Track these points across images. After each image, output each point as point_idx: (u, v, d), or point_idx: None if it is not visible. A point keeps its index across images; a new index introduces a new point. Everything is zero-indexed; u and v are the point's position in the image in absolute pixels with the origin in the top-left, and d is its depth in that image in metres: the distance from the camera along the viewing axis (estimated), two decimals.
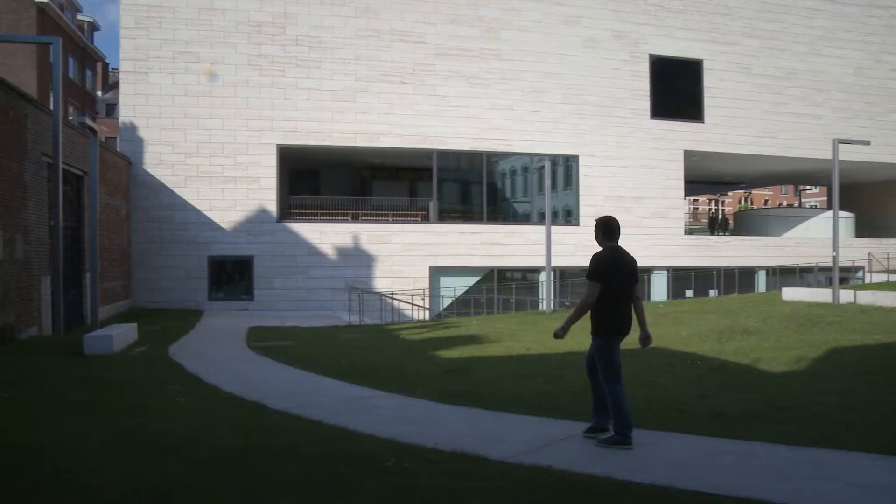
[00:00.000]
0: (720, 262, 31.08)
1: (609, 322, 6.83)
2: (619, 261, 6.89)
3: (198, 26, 25.93)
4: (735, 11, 31.39)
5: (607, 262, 6.83)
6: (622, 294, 6.85)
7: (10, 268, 14.03)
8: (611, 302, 6.78)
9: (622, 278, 6.85)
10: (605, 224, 7.02)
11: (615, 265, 6.84)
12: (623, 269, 6.88)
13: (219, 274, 26.32)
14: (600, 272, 6.78)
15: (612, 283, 6.77)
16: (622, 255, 6.96)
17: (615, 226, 7.02)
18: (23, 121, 14.90)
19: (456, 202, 30.05)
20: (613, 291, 6.78)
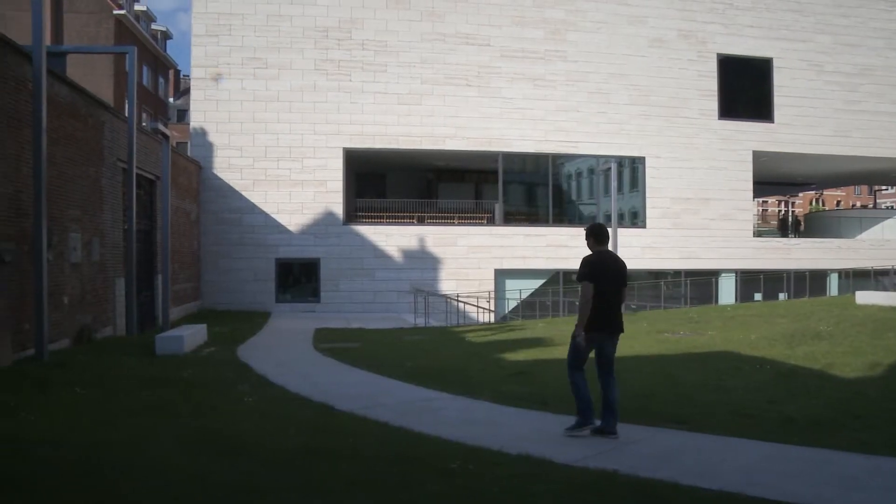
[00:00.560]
0: (790, 264, 30.27)
1: (592, 319, 7.35)
2: (605, 263, 7.51)
3: (266, 32, 26.38)
4: (807, 7, 30.58)
5: (595, 263, 7.46)
6: (608, 294, 7.43)
7: (87, 270, 14.46)
8: (598, 301, 7.35)
9: (608, 280, 7.45)
10: (595, 230, 7.65)
11: (603, 267, 7.45)
12: (610, 271, 7.49)
13: (286, 276, 26.70)
14: (589, 273, 7.40)
15: (600, 284, 7.37)
16: (609, 258, 7.63)
17: (604, 232, 7.67)
18: (100, 128, 15.35)
19: (521, 204, 29.95)
20: (600, 292, 7.36)
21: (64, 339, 13.16)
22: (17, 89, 11.49)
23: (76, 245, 13.81)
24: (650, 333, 16.65)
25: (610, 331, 7.51)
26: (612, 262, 7.59)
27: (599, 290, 7.33)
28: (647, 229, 28.54)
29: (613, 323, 7.50)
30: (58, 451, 6.02)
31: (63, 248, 13.21)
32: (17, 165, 11.41)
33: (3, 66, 11.08)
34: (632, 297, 28.20)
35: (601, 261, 7.49)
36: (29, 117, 11.55)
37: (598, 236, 7.59)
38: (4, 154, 11.07)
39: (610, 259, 7.62)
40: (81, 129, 14.30)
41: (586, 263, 7.46)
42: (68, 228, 13.47)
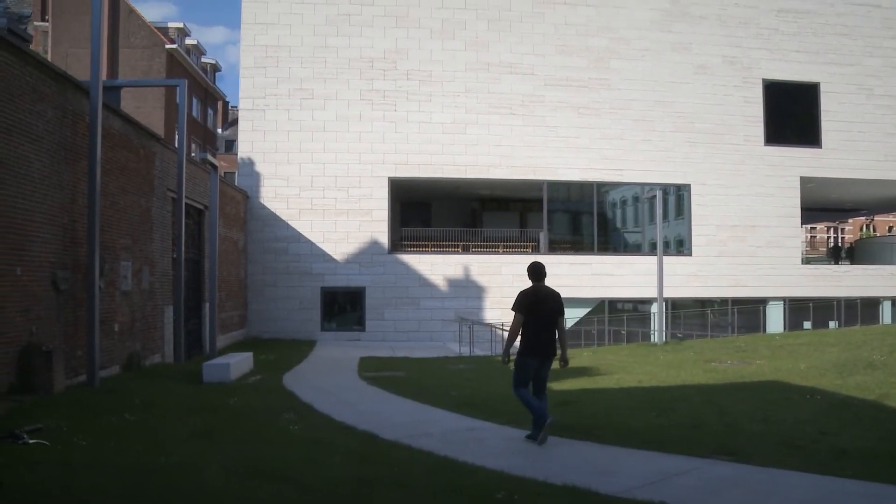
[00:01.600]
0: (840, 292, 29.64)
1: (524, 344, 8.59)
2: (538, 297, 8.58)
3: (312, 64, 26.81)
4: (855, 31, 30.20)
5: (528, 297, 8.58)
6: (539, 324, 8.52)
7: (137, 298, 14.73)
8: (529, 329, 8.51)
9: (538, 312, 8.52)
10: (531, 269, 8.74)
11: (534, 301, 8.53)
12: (541, 304, 8.56)
13: (331, 305, 26.89)
14: (518, 305, 8.60)
15: (532, 315, 8.50)
16: (542, 293, 8.64)
17: (540, 270, 8.71)
18: (151, 158, 15.71)
19: (566, 233, 29.85)
20: (533, 321, 8.50)
21: (114, 366, 13.40)
22: (75, 122, 11.83)
23: (127, 273, 14.09)
24: (697, 363, 16.44)
25: (542, 356, 8.58)
26: (545, 296, 8.62)
27: (528, 320, 8.50)
28: (693, 257, 28.24)
29: (545, 349, 8.57)
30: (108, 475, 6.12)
31: (114, 277, 13.49)
32: (73, 196, 11.72)
33: (63, 101, 11.43)
34: (677, 326, 27.92)
35: (533, 295, 8.58)
36: (85, 149, 11.88)
37: (534, 274, 8.67)
38: (61, 185, 11.38)
39: (542, 293, 8.63)
40: (134, 160, 14.65)
41: (519, 296, 8.63)
42: (119, 257, 13.76)
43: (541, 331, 8.52)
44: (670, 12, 28.89)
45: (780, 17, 29.63)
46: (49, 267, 11.02)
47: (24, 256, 10.31)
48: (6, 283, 9.88)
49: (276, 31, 26.86)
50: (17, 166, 10.08)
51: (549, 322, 8.58)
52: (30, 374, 10.16)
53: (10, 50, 9.95)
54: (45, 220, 10.91)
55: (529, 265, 8.79)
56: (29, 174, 10.38)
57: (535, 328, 8.50)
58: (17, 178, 10.06)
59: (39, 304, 10.75)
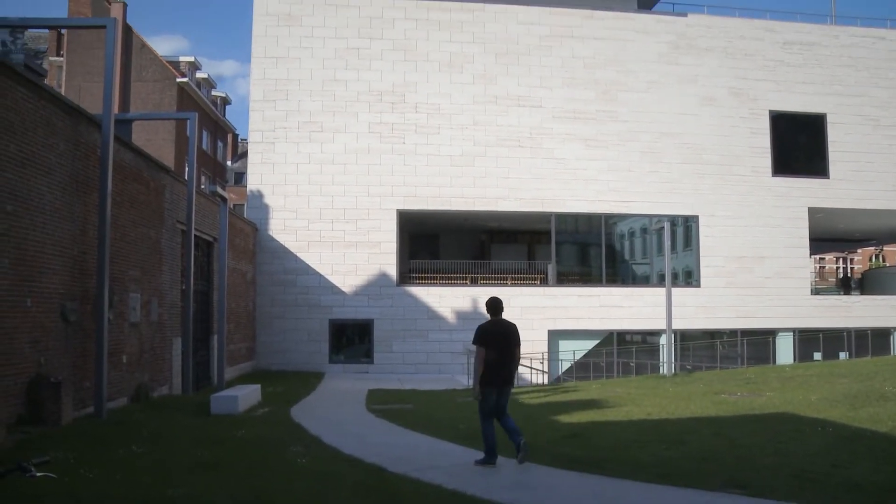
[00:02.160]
0: (850, 322, 29.47)
1: (484, 374, 9.05)
2: (496, 331, 9.20)
3: (321, 97, 27.04)
4: (860, 62, 30.36)
5: (486, 330, 9.19)
6: (500, 354, 9.11)
7: (145, 330, 14.76)
8: (488, 360, 9.02)
9: (497, 344, 9.12)
10: (489, 304, 9.50)
11: (493, 334, 9.15)
12: (499, 336, 9.17)
13: (339, 337, 26.86)
14: (478, 338, 9.16)
15: (490, 348, 9.06)
16: (500, 326, 9.28)
17: (497, 305, 9.44)
18: (161, 191, 15.82)
19: (574, 265, 29.82)
20: (492, 352, 9.06)
21: (122, 398, 13.40)
22: (87, 155, 11.95)
23: (136, 305, 14.14)
24: (706, 395, 16.33)
25: (500, 384, 9.17)
26: (502, 330, 9.28)
27: (488, 351, 9.04)
28: (702, 288, 28.18)
29: (504, 378, 9.18)
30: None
31: (123, 308, 13.53)
32: (83, 228, 11.80)
33: (75, 134, 11.55)
34: (686, 358, 27.78)
35: (491, 328, 9.22)
36: (96, 181, 11.99)
37: (492, 308, 9.42)
38: (72, 217, 11.47)
39: (500, 327, 9.30)
40: (144, 192, 14.75)
41: (478, 330, 9.26)
42: (129, 289, 13.81)
43: (499, 361, 9.11)
44: (677, 45, 29.10)
45: (786, 49, 29.81)
46: (59, 298, 11.08)
47: (35, 288, 10.37)
48: (17, 315, 9.93)
49: (286, 64, 27.14)
50: (30, 198, 10.18)
51: (507, 353, 9.21)
52: (38, 406, 10.17)
53: (26, 85, 10.09)
54: (56, 252, 10.99)
55: (488, 300, 9.54)
56: (41, 206, 10.47)
57: (494, 359, 9.07)
58: (29, 210, 10.15)
59: (48, 336, 10.78)
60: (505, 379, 9.21)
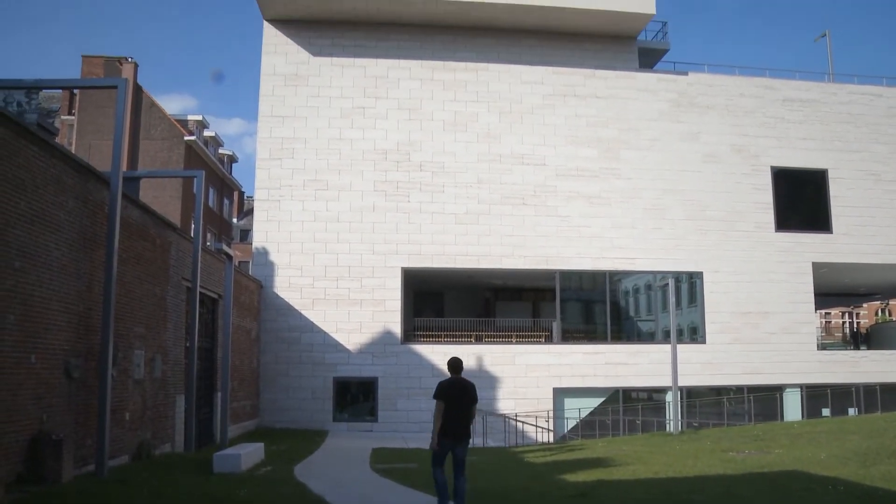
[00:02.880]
0: (858, 378, 29.20)
1: (441, 427, 9.72)
2: (453, 387, 9.96)
3: (327, 155, 27.35)
4: (859, 119, 30.68)
5: (443, 387, 9.95)
6: (454, 411, 9.82)
7: (148, 386, 14.72)
8: (446, 414, 9.76)
9: (454, 400, 9.85)
10: (450, 364, 10.27)
11: (450, 390, 9.90)
12: (456, 393, 9.92)
13: (343, 395, 26.69)
14: (437, 394, 9.91)
15: (447, 403, 9.80)
16: (457, 383, 10.04)
17: (456, 364, 10.24)
18: (167, 248, 15.92)
19: (579, 322, 29.74)
20: (449, 407, 9.79)
21: (123, 456, 13.30)
22: (95, 212, 12.07)
23: (140, 362, 14.12)
24: (714, 452, 16.16)
25: (456, 438, 9.81)
26: (460, 387, 10.02)
27: (446, 406, 9.77)
28: (707, 344, 28.05)
29: (459, 432, 9.84)
30: None
31: (127, 365, 13.51)
32: (89, 284, 11.86)
33: (84, 192, 11.69)
34: (693, 415, 27.54)
35: (449, 385, 9.97)
36: (103, 238, 12.09)
37: (452, 368, 10.20)
38: (79, 273, 11.54)
39: (458, 384, 10.04)
40: (150, 249, 14.85)
41: (437, 386, 9.99)
42: (133, 345, 13.81)
43: (456, 416, 9.83)
44: (678, 103, 29.47)
45: (786, 106, 30.17)
46: (63, 354, 11.08)
47: (39, 344, 10.39)
48: (21, 371, 9.93)
49: (292, 123, 27.51)
50: (38, 255, 10.26)
51: (464, 408, 9.94)
52: (39, 463, 10.10)
53: (38, 144, 10.26)
54: (62, 308, 11.03)
55: (449, 360, 10.35)
56: (48, 263, 10.55)
57: (450, 413, 9.79)
58: (36, 266, 10.22)
59: (51, 392, 10.76)
60: (461, 433, 9.89)
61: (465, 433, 9.93)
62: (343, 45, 28.25)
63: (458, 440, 9.83)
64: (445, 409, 9.78)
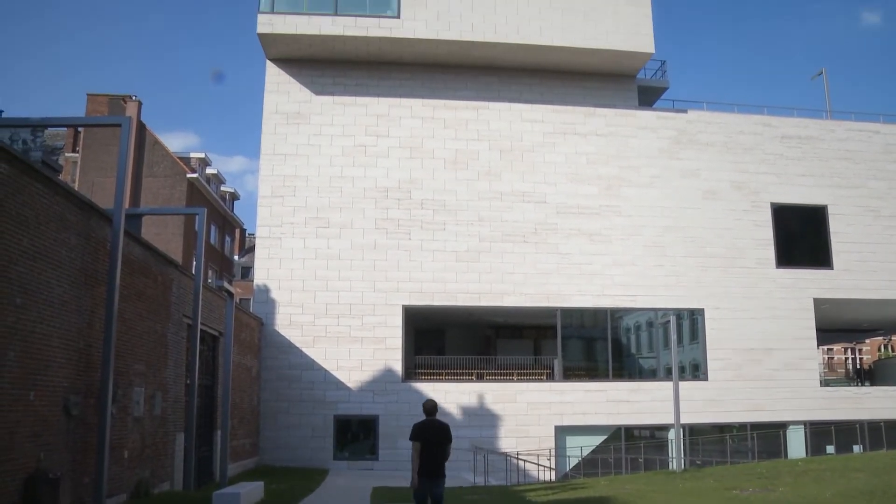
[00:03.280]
0: (863, 414, 28.98)
1: (419, 467, 10.43)
2: (428, 429, 10.70)
3: (329, 193, 27.47)
4: (857, 155, 30.88)
5: (418, 428, 10.71)
6: (432, 450, 10.56)
7: (148, 424, 14.65)
8: (422, 454, 10.50)
9: (429, 441, 10.58)
10: (425, 406, 11.05)
11: (424, 431, 10.65)
12: (430, 434, 10.64)
13: (344, 433, 26.53)
14: (413, 434, 10.69)
15: (423, 444, 10.55)
16: (431, 425, 10.76)
17: (429, 407, 11.01)
18: (169, 285, 15.94)
19: (580, 359, 29.64)
20: (425, 447, 10.54)
21: (121, 494, 13.20)
22: (97, 249, 12.11)
23: (139, 399, 14.07)
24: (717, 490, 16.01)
25: (433, 476, 10.51)
26: (433, 428, 10.75)
27: (422, 446, 10.49)
28: (710, 381, 27.93)
29: (435, 470, 10.54)
30: None
31: (127, 402, 13.47)
32: (90, 321, 11.87)
33: (86, 229, 11.74)
34: (696, 453, 27.30)
35: (424, 426, 10.72)
36: (105, 275, 12.12)
37: (427, 410, 10.97)
38: (80, 310, 11.55)
39: (433, 425, 10.77)
40: (151, 286, 14.87)
41: (413, 428, 10.78)
42: (133, 383, 13.77)
43: (431, 455, 10.54)
44: (678, 140, 29.67)
45: (784, 142, 30.38)
46: (62, 392, 11.05)
47: (39, 381, 10.36)
48: (19, 409, 9.88)
49: (294, 161, 27.68)
50: (39, 292, 10.28)
51: (438, 448, 10.63)
52: (35, 502, 10.00)
53: (42, 181, 10.32)
54: (62, 345, 11.02)
55: (424, 402, 11.15)
56: (50, 299, 10.57)
57: (426, 453, 10.52)
58: (38, 303, 10.24)
59: (50, 430, 10.71)
60: (437, 471, 10.58)
61: (441, 472, 10.63)
62: (345, 83, 28.53)
63: (436, 478, 10.54)
64: (422, 450, 10.49)
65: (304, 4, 27.65)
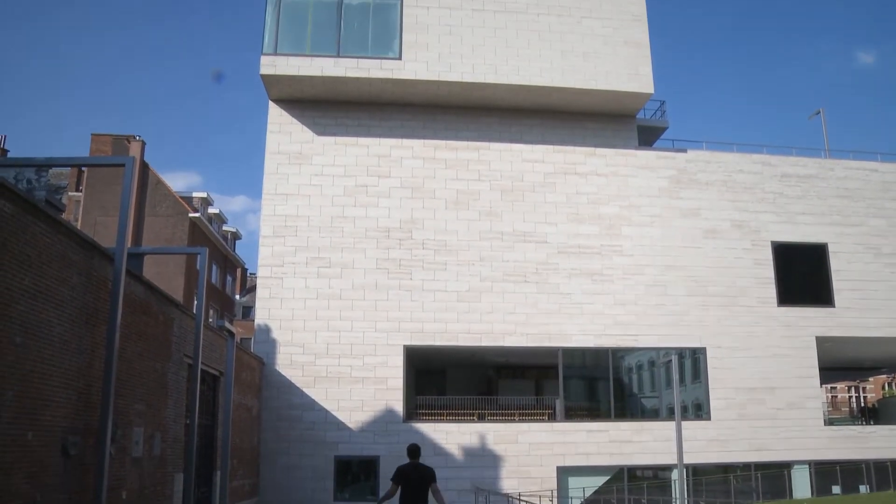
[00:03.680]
0: (868, 454, 28.73)
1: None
2: (409, 471, 11.32)
3: (330, 233, 27.54)
4: (856, 193, 30.99)
5: (400, 471, 11.37)
6: (413, 491, 11.20)
7: (147, 465, 14.53)
8: (404, 495, 11.16)
9: (410, 482, 11.22)
10: (409, 449, 11.67)
11: (405, 474, 11.30)
12: (411, 476, 11.28)
13: (345, 474, 26.31)
14: (394, 477, 11.35)
15: (403, 485, 11.22)
16: (415, 468, 11.40)
17: (413, 450, 11.66)
18: (170, 324, 15.91)
19: (582, 399, 29.48)
20: (407, 489, 11.19)
21: None
22: (98, 288, 12.11)
23: (139, 439, 13.98)
24: None
25: None
26: (415, 471, 11.39)
27: (403, 488, 11.20)
28: (712, 421, 27.73)
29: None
30: None
31: (126, 443, 13.37)
32: (90, 360, 11.83)
33: (88, 268, 11.75)
34: (700, 493, 27.05)
35: (406, 469, 11.40)
36: (106, 314, 12.09)
37: (410, 453, 11.63)
38: (80, 349, 11.51)
39: (415, 468, 11.43)
40: (152, 325, 14.85)
41: (395, 471, 11.46)
42: (132, 423, 13.69)
43: (413, 496, 11.17)
44: (678, 180, 29.81)
45: (784, 181, 30.51)
46: (60, 432, 10.97)
47: (37, 421, 10.29)
48: (16, 449, 9.80)
49: (296, 201, 27.80)
50: (40, 331, 10.26)
51: (420, 489, 11.22)
52: None
53: (45, 220, 10.35)
54: (61, 385, 10.97)
55: (408, 446, 11.76)
56: (50, 338, 10.54)
57: (408, 494, 11.16)
58: (38, 342, 10.21)
59: (46, 471, 10.60)
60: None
61: None
62: (347, 124, 28.76)
63: None
64: (402, 492, 11.18)
65: (306, 46, 27.98)
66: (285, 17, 28.20)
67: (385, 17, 28.65)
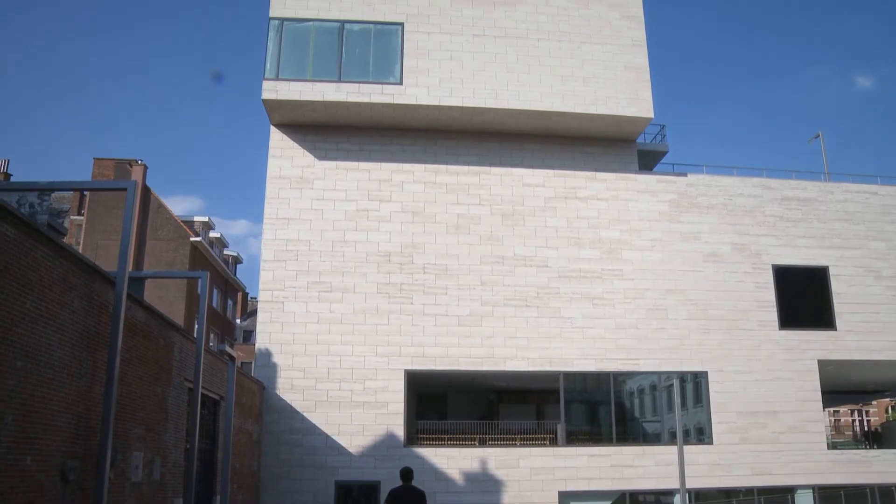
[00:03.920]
0: (873, 478, 28.51)
1: None
2: (401, 494, 11.94)
3: (331, 258, 27.58)
4: (856, 216, 31.05)
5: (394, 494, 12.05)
6: None
7: (146, 489, 14.47)
8: None
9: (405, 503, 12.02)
10: (402, 473, 12.29)
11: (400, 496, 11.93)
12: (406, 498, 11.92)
13: (345, 499, 26.15)
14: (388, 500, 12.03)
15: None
16: (407, 491, 12.06)
17: (406, 473, 12.33)
18: (171, 348, 15.91)
19: (583, 424, 29.36)
20: None
21: None
22: (99, 312, 12.14)
23: (138, 464, 13.94)
24: None
25: None
26: (407, 493, 12.07)
27: None
28: (715, 445, 27.60)
29: None
30: None
31: (125, 467, 13.33)
32: (90, 384, 11.83)
33: (89, 291, 11.79)
34: None
35: (398, 492, 12.03)
36: (107, 338, 12.11)
37: (403, 476, 12.25)
38: (81, 373, 11.52)
39: (407, 491, 12.10)
40: (153, 349, 14.85)
41: (388, 493, 12.22)
42: (132, 447, 13.66)
43: None
44: (678, 203, 29.88)
45: (784, 204, 30.58)
46: (59, 456, 10.95)
47: (36, 446, 10.27)
48: (14, 474, 9.77)
49: (297, 225, 27.86)
50: (41, 355, 10.27)
51: None
52: None
53: (47, 245, 10.40)
54: (61, 409, 10.96)
55: (401, 469, 12.34)
56: (50, 362, 10.55)
57: None
58: (38, 366, 10.22)
59: (44, 496, 10.56)
60: None
61: None
62: (348, 149, 28.89)
63: None
64: None
65: (308, 71, 28.16)
66: (287, 42, 28.41)
67: (386, 43, 28.87)
